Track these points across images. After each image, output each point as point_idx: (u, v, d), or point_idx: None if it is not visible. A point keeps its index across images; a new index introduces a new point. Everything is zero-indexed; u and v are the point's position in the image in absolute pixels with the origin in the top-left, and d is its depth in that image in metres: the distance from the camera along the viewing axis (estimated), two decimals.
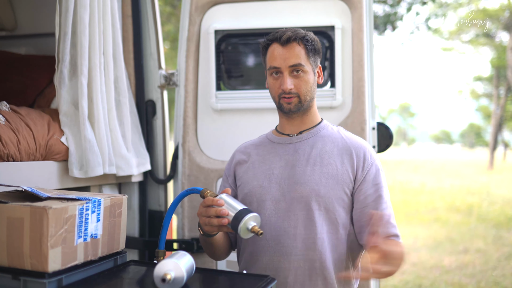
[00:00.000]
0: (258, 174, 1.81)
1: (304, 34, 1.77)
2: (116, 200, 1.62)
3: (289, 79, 1.75)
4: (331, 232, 1.73)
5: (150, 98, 2.71)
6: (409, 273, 6.06)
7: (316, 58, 1.79)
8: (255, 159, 1.86)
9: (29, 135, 1.97)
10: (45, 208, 1.35)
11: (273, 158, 1.82)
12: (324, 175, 1.74)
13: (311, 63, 1.77)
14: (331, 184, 1.73)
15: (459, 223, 9.70)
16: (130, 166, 2.36)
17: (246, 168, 1.86)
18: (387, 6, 10.16)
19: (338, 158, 1.76)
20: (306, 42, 1.75)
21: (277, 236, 1.73)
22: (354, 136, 1.86)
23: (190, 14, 2.57)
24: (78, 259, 1.46)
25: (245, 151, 1.92)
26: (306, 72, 1.75)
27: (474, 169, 24.59)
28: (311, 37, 1.77)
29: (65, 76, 2.14)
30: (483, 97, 32.97)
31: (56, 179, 2.08)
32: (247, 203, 1.79)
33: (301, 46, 1.75)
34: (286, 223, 1.72)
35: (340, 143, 1.80)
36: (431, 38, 52.14)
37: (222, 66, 2.61)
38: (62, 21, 2.10)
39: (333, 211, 1.72)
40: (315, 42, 1.78)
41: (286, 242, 1.72)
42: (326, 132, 1.84)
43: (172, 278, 1.37)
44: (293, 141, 1.83)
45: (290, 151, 1.81)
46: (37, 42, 3.05)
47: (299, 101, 1.77)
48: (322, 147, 1.79)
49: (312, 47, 1.77)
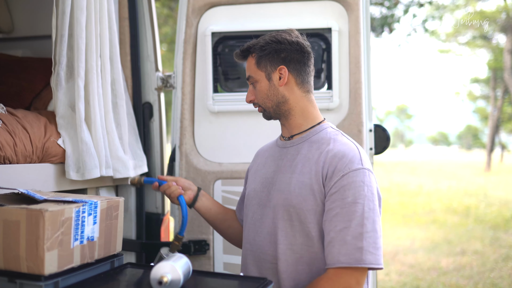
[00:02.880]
0: (257, 177, 1.85)
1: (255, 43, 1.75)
2: (112, 203, 1.61)
3: (248, 92, 1.81)
4: (308, 244, 1.64)
5: (147, 100, 2.71)
6: (407, 275, 6.06)
7: (270, 61, 1.72)
8: (261, 162, 1.89)
9: (25, 137, 1.96)
10: (41, 210, 1.34)
11: (271, 162, 1.83)
12: (299, 184, 1.65)
13: (262, 70, 1.74)
14: (304, 195, 1.63)
15: (456, 224, 9.71)
16: (127, 168, 2.36)
17: (254, 171, 1.91)
18: (384, 8, 10.18)
19: (314, 166, 1.65)
20: (256, 50, 1.74)
21: (258, 241, 1.76)
22: (344, 142, 1.68)
23: (187, 16, 2.57)
24: (75, 261, 1.45)
25: (259, 153, 1.98)
26: (257, 81, 1.76)
27: (471, 170, 24.62)
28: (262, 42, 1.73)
29: (62, 78, 2.13)
30: (480, 99, 33.08)
31: (53, 181, 2.08)
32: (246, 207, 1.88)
33: (253, 56, 1.75)
34: (266, 229, 1.73)
35: (324, 149, 1.67)
36: (428, 40, 52.27)
37: (219, 68, 2.61)
38: (59, 24, 2.09)
39: (306, 223, 1.64)
40: (268, 45, 1.72)
41: (264, 249, 1.73)
42: (318, 136, 1.72)
43: (168, 280, 1.37)
44: (287, 145, 1.80)
45: (282, 155, 1.79)
46: (33, 45, 3.05)
47: (264, 110, 1.79)
48: (306, 153, 1.70)
49: (262, 53, 1.73)
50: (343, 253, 1.54)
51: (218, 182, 2.53)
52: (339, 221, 1.57)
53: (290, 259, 1.66)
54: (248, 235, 1.80)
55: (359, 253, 1.53)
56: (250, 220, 1.81)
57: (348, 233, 1.55)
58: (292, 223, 1.66)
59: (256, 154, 2.00)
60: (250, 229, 1.80)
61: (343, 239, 1.55)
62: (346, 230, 1.55)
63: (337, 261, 1.55)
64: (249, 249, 1.78)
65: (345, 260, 1.54)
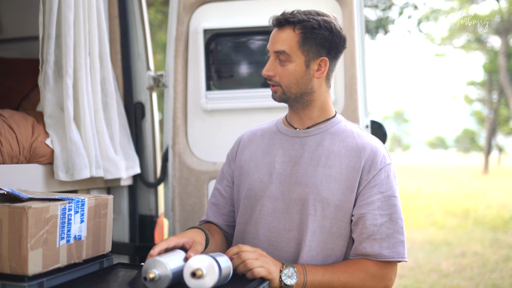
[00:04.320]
0: (260, 166, 1.70)
1: (305, 19, 1.56)
2: (101, 201, 1.55)
3: (270, 65, 1.62)
4: (325, 241, 1.59)
5: (139, 100, 2.65)
6: (407, 277, 6.00)
7: (316, 48, 1.58)
8: (258, 148, 1.75)
9: (12, 137, 1.90)
10: (24, 208, 1.28)
11: (277, 150, 1.69)
12: (326, 178, 1.58)
13: (303, 53, 1.58)
14: (332, 189, 1.57)
15: (456, 227, 9.66)
16: (118, 169, 2.30)
17: (248, 157, 1.76)
18: (379, 11, 10.19)
19: (344, 160, 1.59)
20: (304, 29, 1.56)
21: (270, 237, 1.64)
22: (369, 136, 1.66)
23: (178, 14, 2.52)
24: (61, 261, 1.39)
25: (252, 137, 1.81)
26: (291, 62, 1.59)
27: (469, 173, 24.61)
28: (315, 24, 1.56)
29: (49, 77, 2.08)
30: (476, 102, 33.08)
31: (41, 182, 2.01)
32: (247, 198, 1.71)
33: (296, 32, 1.57)
34: (282, 225, 1.62)
35: (350, 142, 1.62)
36: (424, 44, 52.50)
37: (212, 66, 2.56)
38: (46, 21, 2.04)
39: (330, 218, 1.58)
40: (321, 30, 1.56)
41: (279, 245, 1.62)
42: (337, 128, 1.66)
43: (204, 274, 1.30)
44: (300, 135, 1.67)
45: (295, 146, 1.67)
46: (22, 46, 3.01)
47: (283, 92, 1.63)
48: (329, 145, 1.62)
49: (312, 36, 1.56)
50: (385, 247, 1.54)
51: (212, 182, 2.47)
52: (380, 214, 1.56)
53: (306, 257, 1.59)
54: (256, 230, 1.66)
55: (401, 247, 1.56)
56: (258, 213, 1.66)
57: (390, 226, 1.56)
58: (315, 218, 1.58)
59: (244, 140, 1.83)
60: (258, 223, 1.66)
61: (385, 232, 1.55)
62: (387, 223, 1.56)
63: (379, 254, 1.54)
64: (258, 245, 1.64)
65: (388, 253, 1.54)
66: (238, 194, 1.77)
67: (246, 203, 1.71)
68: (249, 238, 1.68)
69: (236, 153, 1.83)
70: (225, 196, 1.82)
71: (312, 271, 1.53)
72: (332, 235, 1.59)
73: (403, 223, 1.59)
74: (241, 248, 1.48)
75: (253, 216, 1.68)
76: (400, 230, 1.57)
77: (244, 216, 1.72)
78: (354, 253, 1.59)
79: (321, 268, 1.55)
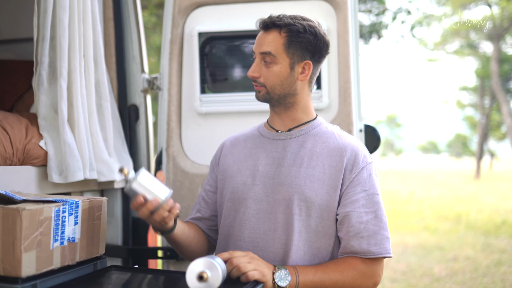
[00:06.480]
0: (242, 169, 1.73)
1: (291, 23, 1.62)
2: (95, 203, 1.55)
3: (256, 66, 1.68)
4: (311, 240, 1.62)
5: (133, 103, 2.65)
6: (400, 282, 6.02)
7: (301, 52, 1.63)
8: (241, 152, 1.78)
9: (5, 138, 1.89)
10: (18, 209, 1.28)
11: (259, 153, 1.73)
12: (310, 178, 1.62)
13: (288, 55, 1.63)
14: (316, 189, 1.61)
15: (448, 231, 9.71)
16: (112, 172, 2.29)
17: (232, 161, 1.79)
18: (372, 16, 10.24)
19: (327, 160, 1.64)
20: (290, 32, 1.61)
21: (255, 239, 1.66)
22: (349, 137, 1.72)
23: (173, 17, 2.52)
24: (55, 263, 1.39)
25: (234, 142, 1.85)
26: (276, 63, 1.63)
27: (461, 178, 24.73)
28: (300, 28, 1.61)
29: (43, 79, 2.07)
30: (468, 107, 33.29)
31: (35, 184, 2.00)
32: (231, 201, 1.72)
33: (282, 35, 1.62)
34: (266, 225, 1.64)
35: (331, 143, 1.67)
36: (416, 49, 52.76)
37: (206, 69, 2.56)
38: (41, 23, 2.03)
39: (315, 218, 1.61)
40: (306, 34, 1.62)
41: (264, 246, 1.64)
42: (318, 130, 1.71)
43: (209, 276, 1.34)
44: (282, 137, 1.72)
45: (278, 148, 1.71)
46: (16, 47, 2.99)
47: (266, 92, 1.68)
48: (311, 147, 1.67)
49: (298, 39, 1.61)
50: (373, 243, 1.58)
51: None
52: (365, 212, 1.60)
53: (294, 256, 1.61)
54: (241, 232, 1.68)
55: (387, 243, 1.60)
56: (242, 216, 1.68)
57: (375, 223, 1.60)
58: (300, 217, 1.61)
59: (227, 145, 1.86)
60: (243, 225, 1.68)
61: (372, 229, 1.59)
62: (372, 220, 1.60)
63: (368, 251, 1.58)
64: (243, 247, 1.66)
65: (376, 250, 1.58)
66: (222, 197, 1.79)
67: (230, 205, 1.73)
68: (233, 241, 1.70)
69: (219, 158, 1.86)
70: (207, 201, 1.85)
71: (303, 272, 1.55)
72: (317, 234, 1.62)
73: (386, 219, 1.64)
74: (232, 254, 1.50)
75: (237, 219, 1.70)
76: (385, 226, 1.62)
77: (228, 219, 1.73)
78: (343, 252, 1.62)
79: (312, 268, 1.57)
